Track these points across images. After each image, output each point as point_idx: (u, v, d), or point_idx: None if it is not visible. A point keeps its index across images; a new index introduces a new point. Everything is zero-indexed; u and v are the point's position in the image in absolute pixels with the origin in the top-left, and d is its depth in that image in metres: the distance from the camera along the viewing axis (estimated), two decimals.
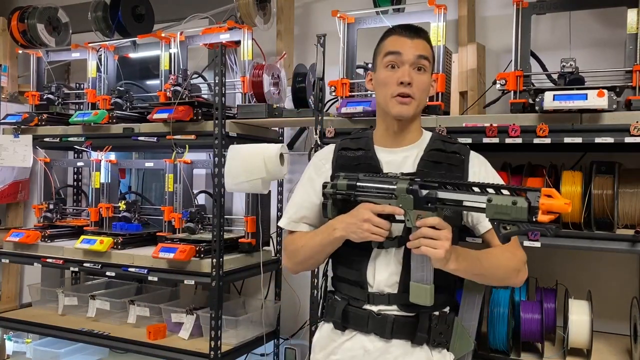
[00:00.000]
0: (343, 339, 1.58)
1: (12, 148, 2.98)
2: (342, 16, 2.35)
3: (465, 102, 2.46)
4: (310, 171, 1.70)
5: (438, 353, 1.55)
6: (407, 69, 1.53)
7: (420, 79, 1.55)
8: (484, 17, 2.64)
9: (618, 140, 1.80)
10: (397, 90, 1.53)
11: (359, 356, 1.55)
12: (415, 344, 1.53)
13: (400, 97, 1.54)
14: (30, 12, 3.15)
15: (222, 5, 2.92)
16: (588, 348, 2.02)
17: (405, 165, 1.58)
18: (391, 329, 1.52)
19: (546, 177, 2.02)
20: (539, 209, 1.11)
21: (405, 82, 1.52)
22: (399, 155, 1.60)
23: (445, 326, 1.55)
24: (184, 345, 2.47)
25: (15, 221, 3.65)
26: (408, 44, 1.55)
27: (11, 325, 2.97)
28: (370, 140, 1.64)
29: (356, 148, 1.63)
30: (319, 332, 1.68)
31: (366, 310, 1.54)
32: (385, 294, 1.53)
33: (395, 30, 1.59)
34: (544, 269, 2.42)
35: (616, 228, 1.92)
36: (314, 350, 1.67)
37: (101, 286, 3.22)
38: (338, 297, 1.62)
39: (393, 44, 1.56)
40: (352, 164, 1.61)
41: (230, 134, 2.44)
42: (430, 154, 1.58)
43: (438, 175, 1.51)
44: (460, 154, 1.59)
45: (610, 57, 2.32)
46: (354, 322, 1.56)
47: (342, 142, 1.69)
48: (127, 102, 2.78)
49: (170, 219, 2.62)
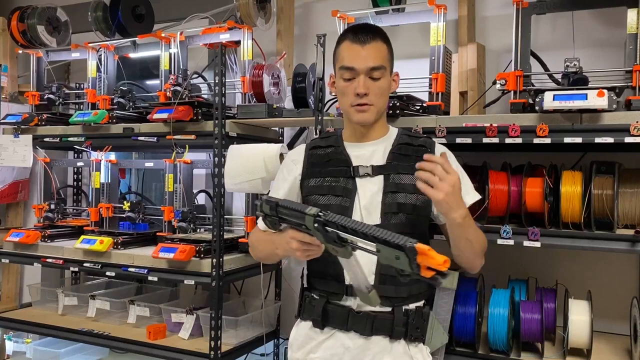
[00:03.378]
0: (322, 338, 1.61)
1: (12, 148, 2.98)
2: (342, 16, 2.35)
3: (465, 102, 2.46)
4: (283, 172, 1.76)
5: (415, 347, 1.59)
6: (362, 80, 1.56)
7: (376, 85, 1.58)
8: (484, 17, 2.64)
9: (618, 140, 1.80)
10: (355, 100, 1.58)
11: (339, 354, 1.57)
12: (394, 339, 1.56)
13: (358, 107, 1.59)
14: (30, 12, 3.14)
15: (222, 5, 2.92)
16: (588, 348, 2.02)
17: (374, 157, 1.63)
18: (371, 326, 1.55)
19: (546, 177, 2.02)
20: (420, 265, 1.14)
21: (361, 94, 1.56)
22: (367, 149, 1.65)
23: (421, 320, 1.59)
24: (184, 345, 2.47)
25: (15, 221, 3.65)
26: (360, 55, 1.56)
27: (11, 325, 2.97)
28: (339, 138, 1.70)
29: (326, 145, 1.70)
30: (296, 330, 1.70)
31: (346, 307, 1.57)
32: None
33: (349, 35, 1.60)
34: (544, 269, 2.42)
35: (616, 228, 1.92)
36: (292, 349, 1.69)
37: (101, 286, 3.22)
38: (315, 295, 1.64)
39: (347, 56, 1.59)
40: (323, 160, 1.67)
41: (230, 134, 2.44)
42: (399, 147, 1.64)
43: (407, 166, 1.58)
44: (426, 147, 1.65)
45: (610, 57, 2.32)
46: (333, 320, 1.59)
47: (313, 141, 1.76)
48: (130, 101, 2.78)
49: (170, 219, 2.62)
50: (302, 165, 1.70)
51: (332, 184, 1.62)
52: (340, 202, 1.59)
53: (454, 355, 2.09)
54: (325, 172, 1.65)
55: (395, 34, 2.80)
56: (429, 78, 2.21)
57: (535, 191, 2.05)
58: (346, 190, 1.60)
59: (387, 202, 1.57)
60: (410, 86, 2.26)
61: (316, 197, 1.63)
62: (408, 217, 1.57)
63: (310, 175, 1.68)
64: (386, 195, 1.57)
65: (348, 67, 1.57)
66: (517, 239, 1.98)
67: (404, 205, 1.57)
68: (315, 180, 1.66)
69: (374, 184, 1.60)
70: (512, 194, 2.07)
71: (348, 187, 1.60)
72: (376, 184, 1.60)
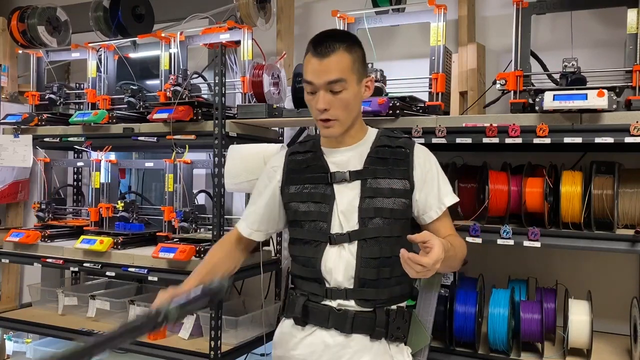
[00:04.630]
0: (303, 335, 1.61)
1: (12, 148, 2.98)
2: (342, 16, 2.35)
3: (465, 102, 2.46)
4: (264, 179, 1.76)
5: (396, 347, 1.60)
6: (321, 96, 1.54)
7: (337, 99, 1.54)
8: (484, 17, 2.64)
9: (618, 140, 1.80)
10: (318, 115, 1.57)
11: (319, 351, 1.58)
12: (374, 339, 1.57)
13: (322, 122, 1.57)
14: (30, 12, 3.14)
15: (222, 5, 2.92)
16: (588, 348, 2.02)
17: (352, 163, 1.62)
18: (351, 324, 1.55)
19: (546, 177, 2.02)
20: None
21: (321, 109, 1.54)
22: (345, 154, 1.64)
23: (402, 321, 1.60)
24: (184, 345, 2.47)
25: (15, 221, 3.65)
26: (318, 70, 1.53)
27: (11, 325, 2.96)
28: (317, 143, 1.70)
29: (304, 151, 1.70)
30: (279, 329, 1.71)
31: (326, 305, 1.57)
32: (343, 288, 1.56)
33: (311, 47, 1.56)
34: (544, 269, 2.42)
35: (616, 228, 1.92)
36: (275, 347, 1.70)
37: (101, 286, 3.22)
38: (298, 294, 1.65)
39: (307, 70, 1.56)
40: (301, 167, 1.67)
41: (230, 134, 2.44)
42: (376, 150, 1.63)
43: (384, 170, 1.59)
44: (405, 148, 1.64)
45: (610, 57, 2.32)
46: (314, 317, 1.59)
47: (291, 147, 1.76)
48: (140, 101, 2.76)
49: (170, 219, 2.61)
50: (282, 172, 1.70)
51: (311, 191, 1.62)
52: (320, 208, 1.60)
53: (454, 355, 2.09)
54: (304, 178, 1.65)
55: (395, 34, 2.81)
56: (429, 78, 2.21)
57: (535, 191, 2.05)
58: (325, 197, 1.60)
59: (364, 207, 1.57)
60: (410, 86, 2.27)
61: (296, 204, 1.64)
62: (385, 221, 1.57)
63: (289, 182, 1.68)
64: (363, 200, 1.57)
65: (307, 81, 1.56)
66: (517, 239, 1.98)
67: (381, 210, 1.57)
68: (295, 187, 1.66)
69: (351, 190, 1.59)
70: (512, 194, 2.07)
71: (327, 193, 1.60)
72: (353, 190, 1.59)
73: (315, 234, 1.60)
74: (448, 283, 2.25)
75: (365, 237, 1.56)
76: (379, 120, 2.13)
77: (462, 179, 2.24)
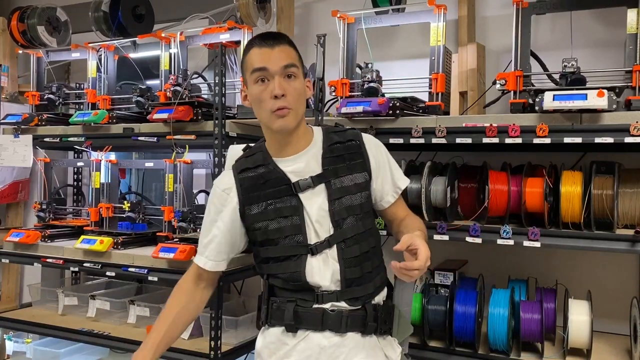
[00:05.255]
0: (296, 341, 1.57)
1: (12, 148, 2.98)
2: (342, 16, 2.35)
3: (465, 102, 2.46)
4: (215, 204, 1.63)
5: (384, 340, 1.62)
6: (277, 81, 1.51)
7: (292, 86, 1.53)
8: (484, 17, 2.64)
9: (618, 140, 1.80)
10: (274, 104, 1.51)
11: (315, 354, 1.56)
12: (366, 334, 1.57)
13: (278, 111, 1.52)
14: (30, 12, 3.14)
15: (222, 5, 2.92)
16: (588, 348, 2.02)
17: (310, 168, 1.58)
18: (346, 323, 1.55)
19: (546, 177, 2.02)
20: None
21: (278, 95, 1.50)
22: (300, 160, 1.59)
23: (388, 314, 1.62)
24: (184, 345, 2.46)
25: (15, 221, 3.65)
26: (271, 55, 1.51)
27: (11, 325, 2.96)
28: (266, 154, 1.61)
29: (255, 166, 1.60)
30: (263, 338, 1.64)
31: (319, 308, 1.55)
32: (333, 291, 1.55)
33: (255, 42, 1.55)
34: (544, 269, 2.42)
35: (616, 228, 1.92)
36: (261, 357, 1.63)
37: (101, 286, 3.22)
38: (284, 300, 1.58)
39: (257, 59, 1.52)
40: (258, 182, 1.58)
41: (230, 134, 2.44)
42: (330, 149, 1.60)
43: (344, 167, 1.57)
44: (355, 140, 1.63)
45: (610, 57, 2.32)
46: (306, 322, 1.56)
47: (237, 164, 1.64)
48: (149, 100, 2.74)
49: (170, 219, 2.61)
50: (237, 193, 1.59)
51: (276, 206, 1.56)
52: (291, 222, 1.55)
53: (454, 355, 2.10)
54: (264, 194, 1.57)
55: (395, 34, 2.81)
56: (429, 78, 2.21)
57: (535, 191, 2.05)
58: (293, 209, 1.55)
59: (335, 209, 1.55)
60: (410, 86, 2.27)
61: (265, 223, 1.56)
62: (357, 217, 1.57)
63: (249, 201, 1.58)
64: (332, 203, 1.55)
65: (260, 67, 1.51)
66: (517, 239, 1.98)
67: (352, 208, 1.56)
68: (258, 206, 1.57)
69: (317, 195, 1.56)
70: (512, 194, 2.07)
71: (293, 204, 1.55)
72: (320, 194, 1.56)
73: (293, 248, 1.55)
74: (448, 283, 2.26)
75: (344, 238, 1.54)
76: (379, 120, 2.13)
77: (462, 179, 2.24)
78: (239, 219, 1.60)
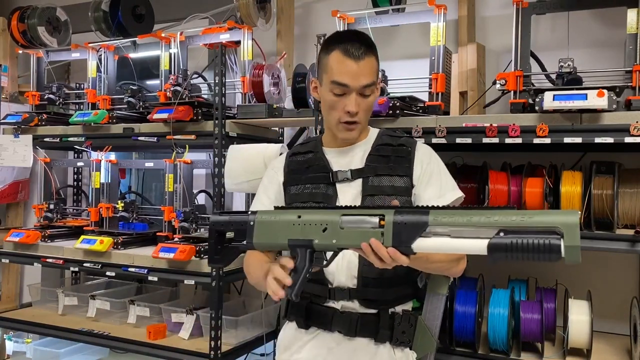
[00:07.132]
0: (307, 338, 1.59)
1: (12, 148, 2.98)
2: (342, 16, 2.35)
3: (465, 102, 2.46)
4: (268, 177, 1.73)
5: (400, 352, 1.57)
6: (354, 99, 1.51)
7: (365, 102, 1.54)
8: (484, 17, 2.64)
9: (618, 140, 1.80)
10: (344, 117, 1.54)
11: (322, 354, 1.56)
12: (378, 342, 1.55)
13: (346, 124, 1.55)
14: (30, 12, 3.14)
15: (222, 5, 2.92)
16: (588, 348, 2.02)
17: (354, 161, 1.61)
18: (355, 326, 1.53)
19: (546, 177, 2.03)
20: None
21: (352, 112, 1.52)
22: (347, 153, 1.63)
23: (408, 325, 1.57)
24: (184, 345, 2.47)
25: (15, 221, 3.65)
26: (354, 72, 1.49)
27: (11, 325, 2.96)
28: (318, 143, 1.68)
29: (305, 151, 1.68)
30: (283, 332, 1.68)
31: (330, 307, 1.55)
32: (346, 288, 1.54)
33: (341, 45, 1.51)
34: (544, 269, 2.42)
35: (616, 228, 1.92)
36: (279, 350, 1.67)
37: (101, 286, 3.22)
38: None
39: (339, 71, 1.50)
40: (302, 167, 1.65)
41: (230, 134, 2.44)
42: (377, 149, 1.62)
43: (386, 168, 1.57)
44: (406, 146, 1.63)
45: (610, 57, 2.32)
46: (317, 319, 1.57)
47: (293, 148, 1.75)
48: (140, 101, 2.76)
49: (170, 219, 2.61)
50: (283, 173, 1.68)
51: (312, 191, 1.60)
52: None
53: (454, 356, 2.09)
54: (305, 178, 1.63)
55: (395, 34, 2.81)
56: (429, 78, 2.21)
57: (535, 191, 2.05)
58: (326, 197, 1.58)
59: (365, 205, 1.54)
60: (410, 86, 2.27)
61: (299, 204, 1.61)
62: None
63: (290, 182, 1.66)
64: (364, 199, 1.55)
65: (341, 83, 1.50)
66: None
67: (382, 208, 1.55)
68: (296, 188, 1.63)
69: (353, 188, 1.58)
70: (512, 194, 2.07)
71: (328, 193, 1.58)
72: (355, 188, 1.58)
73: None
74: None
75: None
76: (379, 120, 2.13)
77: (462, 179, 2.24)
78: (282, 197, 1.67)
